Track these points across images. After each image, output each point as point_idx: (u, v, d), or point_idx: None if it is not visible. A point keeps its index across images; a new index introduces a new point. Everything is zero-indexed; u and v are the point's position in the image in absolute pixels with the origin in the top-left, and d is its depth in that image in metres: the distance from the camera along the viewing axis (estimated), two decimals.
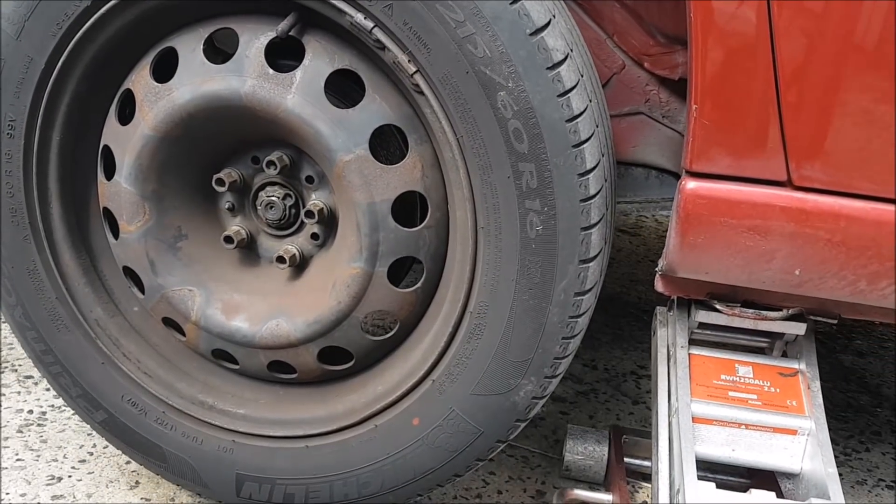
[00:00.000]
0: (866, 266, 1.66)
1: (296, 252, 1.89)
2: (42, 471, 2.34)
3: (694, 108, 1.60)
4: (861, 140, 1.58)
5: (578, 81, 1.62)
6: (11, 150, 1.92)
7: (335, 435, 1.94)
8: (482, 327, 1.78)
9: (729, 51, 1.56)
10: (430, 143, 1.76)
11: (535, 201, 1.65)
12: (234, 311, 1.93)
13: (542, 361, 1.77)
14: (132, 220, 1.89)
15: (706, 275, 1.76)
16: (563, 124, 1.60)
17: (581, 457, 2.34)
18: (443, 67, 1.62)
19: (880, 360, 3.27)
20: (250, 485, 2.03)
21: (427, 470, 1.91)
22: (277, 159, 1.82)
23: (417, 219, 1.81)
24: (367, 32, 1.64)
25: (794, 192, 1.64)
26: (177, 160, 1.86)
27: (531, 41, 1.57)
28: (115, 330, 2.07)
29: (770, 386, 1.97)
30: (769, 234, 1.66)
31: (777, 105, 1.57)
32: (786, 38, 1.53)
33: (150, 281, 1.94)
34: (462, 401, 1.83)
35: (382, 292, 1.81)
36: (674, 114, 2.11)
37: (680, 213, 1.68)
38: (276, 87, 1.72)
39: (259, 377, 2.03)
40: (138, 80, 1.84)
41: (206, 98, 1.76)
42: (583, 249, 1.68)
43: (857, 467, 2.63)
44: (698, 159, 1.64)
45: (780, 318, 1.91)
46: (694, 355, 1.99)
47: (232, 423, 2.02)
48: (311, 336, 1.88)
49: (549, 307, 1.73)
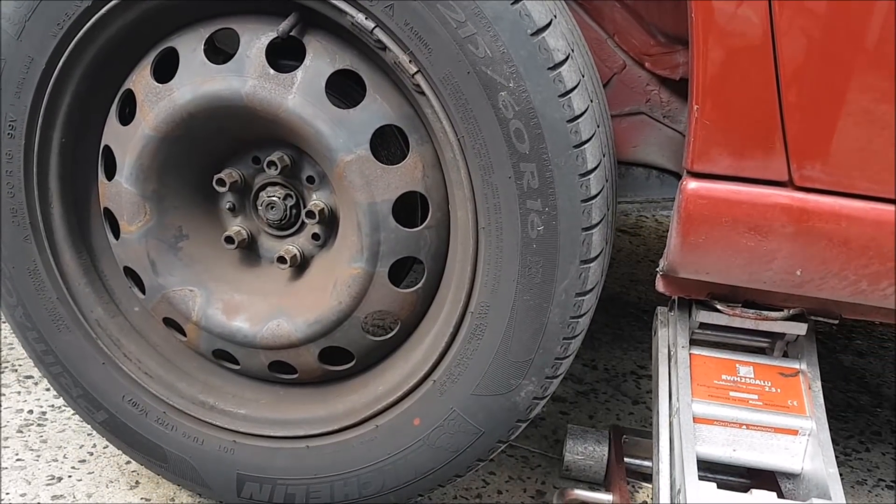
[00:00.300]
0: (867, 266, 1.66)
1: (296, 252, 1.89)
2: (42, 471, 2.33)
3: (695, 108, 1.60)
4: (862, 140, 1.58)
5: (580, 82, 1.62)
6: (12, 150, 1.92)
7: (336, 435, 1.94)
8: (483, 327, 1.77)
9: (730, 50, 1.56)
10: (431, 143, 1.76)
11: (536, 201, 1.65)
12: (234, 312, 1.93)
13: (543, 362, 1.77)
14: (133, 221, 1.89)
15: (707, 275, 1.76)
16: (565, 124, 1.60)
17: (581, 456, 2.35)
18: (444, 67, 1.62)
19: (880, 360, 3.27)
20: (251, 485, 2.03)
21: (428, 470, 1.91)
22: (278, 159, 1.82)
23: (418, 219, 1.81)
24: (368, 33, 1.64)
25: (795, 192, 1.64)
26: (177, 160, 1.86)
27: (532, 41, 1.57)
28: (115, 330, 2.07)
29: (771, 386, 1.97)
30: (770, 235, 1.65)
31: (778, 105, 1.57)
32: (787, 38, 1.53)
33: (151, 281, 1.94)
34: (463, 401, 1.83)
35: (383, 292, 1.81)
36: (674, 114, 2.11)
37: (681, 213, 1.67)
38: (277, 88, 1.72)
39: (260, 377, 2.03)
40: (139, 80, 1.84)
41: (206, 98, 1.76)
42: (584, 250, 1.68)
43: (857, 467, 2.63)
44: (699, 159, 1.64)
45: (781, 319, 1.91)
46: (695, 355, 1.99)
47: (233, 424, 2.01)
48: (311, 336, 1.87)
49: (550, 307, 1.72)
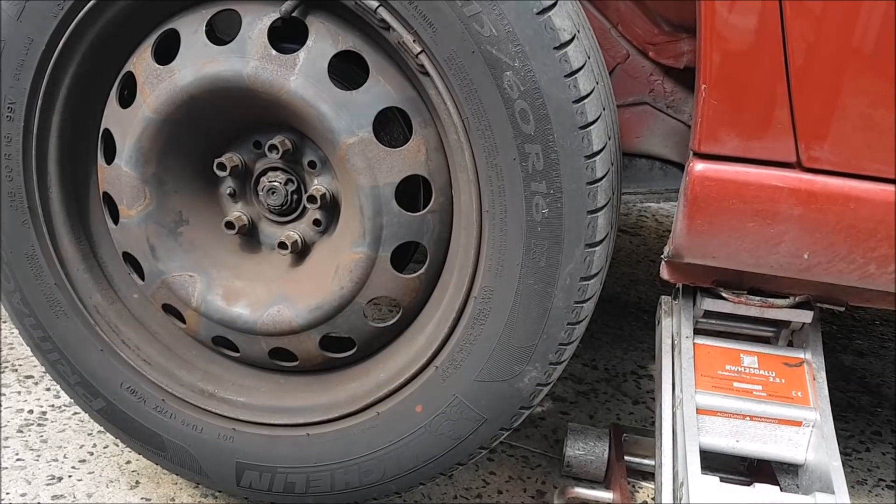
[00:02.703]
0: (875, 249, 1.65)
1: (298, 238, 1.87)
2: (42, 471, 2.31)
3: (703, 87, 1.59)
4: (872, 121, 1.56)
5: (585, 63, 1.60)
6: (11, 133, 1.90)
7: (337, 423, 1.92)
8: (486, 312, 1.76)
9: (738, 29, 1.55)
10: (435, 125, 1.74)
11: (541, 184, 1.64)
12: (235, 298, 1.91)
13: (547, 347, 1.75)
14: (133, 205, 1.87)
15: (713, 259, 1.74)
16: (570, 105, 1.58)
17: (582, 452, 2.34)
18: (448, 47, 1.60)
19: (880, 360, 3.26)
20: (250, 473, 2.00)
21: (430, 458, 1.89)
22: (279, 143, 1.81)
23: (421, 203, 1.79)
24: (371, 12, 1.63)
25: (803, 173, 1.63)
26: (178, 144, 1.84)
27: (538, 20, 1.55)
28: (114, 317, 2.05)
29: (775, 376, 1.96)
30: (777, 217, 1.64)
31: (787, 84, 1.56)
32: (796, 16, 1.52)
33: (151, 266, 1.92)
34: (466, 387, 1.81)
35: (385, 277, 1.79)
36: (678, 104, 2.10)
37: (688, 195, 1.66)
38: (279, 69, 1.70)
39: (260, 365, 2.01)
40: (139, 62, 1.82)
41: (208, 79, 1.74)
42: (589, 233, 1.66)
43: (857, 467, 2.61)
44: (707, 140, 1.63)
45: (787, 306, 1.90)
46: (699, 345, 1.98)
47: (232, 412, 1.99)
48: (313, 322, 1.85)
49: (555, 292, 1.71)
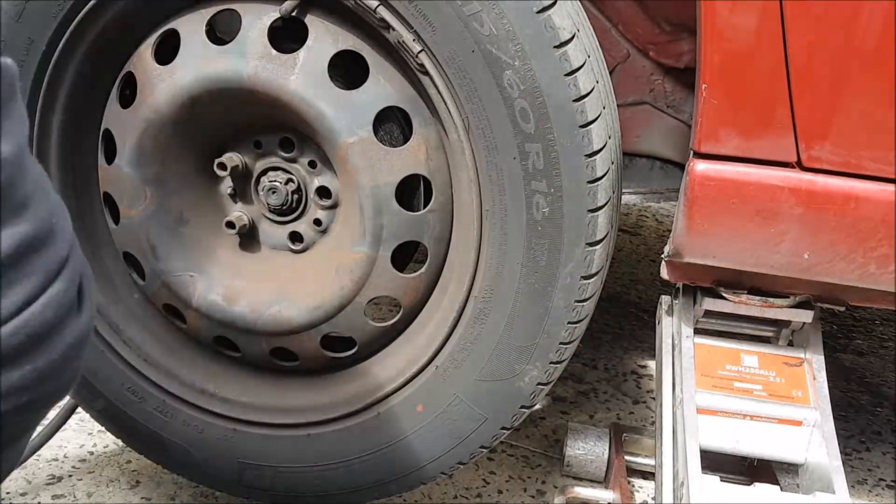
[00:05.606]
0: (876, 249, 1.65)
1: (298, 237, 1.87)
2: (42, 470, 2.31)
3: (703, 87, 1.59)
4: (872, 120, 1.57)
5: (586, 61, 1.60)
6: None
7: (337, 422, 1.92)
8: (487, 312, 1.76)
9: (738, 29, 1.55)
10: (435, 125, 1.74)
11: (541, 183, 1.64)
12: (235, 297, 1.90)
13: (548, 347, 1.75)
14: (133, 205, 1.86)
15: (714, 259, 1.75)
16: (571, 104, 1.58)
17: (582, 451, 2.34)
18: (448, 46, 1.60)
19: (880, 360, 3.25)
20: (251, 473, 2.00)
21: (430, 457, 1.89)
22: (280, 143, 1.81)
23: (421, 202, 1.79)
24: (371, 12, 1.63)
25: (803, 173, 1.63)
26: (178, 144, 1.84)
27: (538, 19, 1.55)
28: (115, 317, 2.04)
29: (775, 376, 1.96)
30: (778, 217, 1.64)
31: (787, 84, 1.56)
32: (796, 16, 1.52)
33: (151, 266, 1.91)
34: (466, 387, 1.81)
35: (386, 277, 1.79)
36: (678, 103, 2.11)
37: (688, 195, 1.66)
38: (279, 68, 1.70)
39: (261, 365, 2.00)
40: (140, 62, 1.82)
41: (208, 79, 1.74)
42: (589, 232, 1.66)
43: (857, 467, 2.61)
44: (707, 140, 1.63)
45: (787, 306, 1.90)
46: (699, 345, 1.98)
47: (233, 412, 1.99)
48: (313, 322, 1.85)
49: (555, 291, 1.71)
